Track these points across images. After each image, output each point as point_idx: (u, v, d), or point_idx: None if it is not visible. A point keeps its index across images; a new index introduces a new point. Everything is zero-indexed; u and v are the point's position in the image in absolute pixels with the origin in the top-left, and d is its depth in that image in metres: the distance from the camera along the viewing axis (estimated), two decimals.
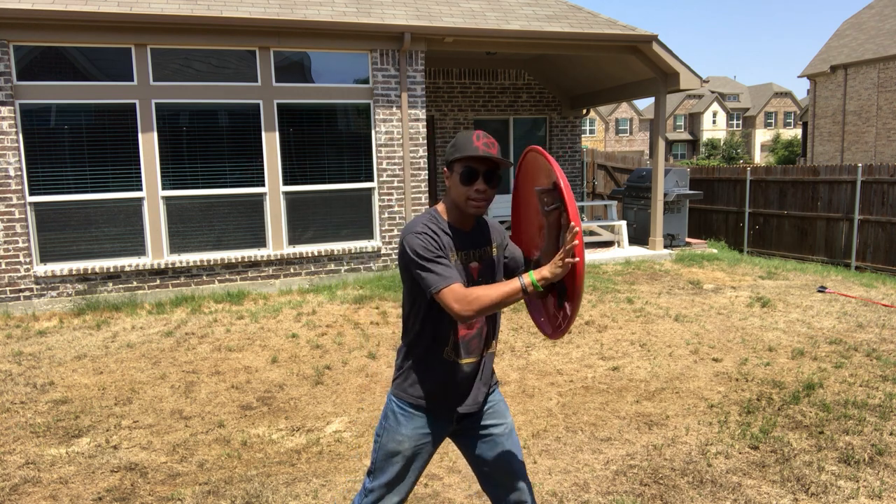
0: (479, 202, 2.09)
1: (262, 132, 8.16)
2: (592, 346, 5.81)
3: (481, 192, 2.08)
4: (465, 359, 2.17)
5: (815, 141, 27.67)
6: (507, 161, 2.10)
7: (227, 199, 8.15)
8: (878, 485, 3.32)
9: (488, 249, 2.23)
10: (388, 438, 2.19)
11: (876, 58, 24.29)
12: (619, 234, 10.92)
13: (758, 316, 6.74)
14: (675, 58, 9.67)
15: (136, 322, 6.80)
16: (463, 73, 12.26)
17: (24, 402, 4.69)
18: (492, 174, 2.10)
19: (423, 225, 2.11)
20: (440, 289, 1.99)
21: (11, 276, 7.34)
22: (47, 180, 7.46)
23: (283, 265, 8.35)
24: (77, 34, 7.28)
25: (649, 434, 4.00)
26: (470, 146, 2.06)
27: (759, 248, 12.37)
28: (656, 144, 10.35)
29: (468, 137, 2.09)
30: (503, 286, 1.99)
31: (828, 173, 11.05)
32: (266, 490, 3.39)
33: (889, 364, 5.16)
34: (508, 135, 12.80)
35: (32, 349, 5.94)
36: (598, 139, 57.51)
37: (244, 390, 4.87)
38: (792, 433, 3.95)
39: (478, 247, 2.20)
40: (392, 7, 8.63)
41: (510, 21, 8.91)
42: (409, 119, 8.66)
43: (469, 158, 2.07)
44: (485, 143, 2.09)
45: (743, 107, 63.33)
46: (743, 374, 5.02)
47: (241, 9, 7.76)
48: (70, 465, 3.72)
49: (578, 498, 3.27)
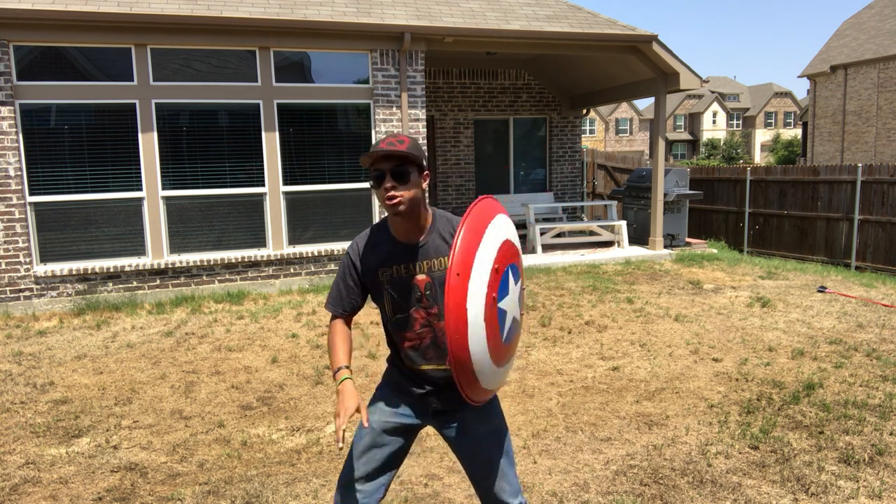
0: (394, 202, 2.01)
1: (262, 132, 8.16)
2: (592, 346, 5.81)
3: (390, 191, 2.01)
4: (424, 365, 2.17)
5: (815, 141, 27.67)
6: (412, 154, 2.01)
7: (227, 199, 8.15)
8: (878, 485, 3.32)
9: (443, 261, 2.10)
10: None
11: (876, 58, 24.29)
12: (619, 234, 10.92)
13: (758, 316, 6.74)
14: (675, 58, 9.67)
15: (136, 322, 6.80)
16: (463, 73, 12.25)
17: (24, 402, 4.69)
18: (400, 171, 2.01)
19: (357, 239, 2.20)
20: (328, 310, 2.20)
21: (11, 276, 7.34)
22: (47, 180, 7.46)
23: (284, 265, 8.35)
24: (77, 34, 7.28)
25: (649, 434, 4.00)
26: (372, 149, 2.02)
27: (759, 248, 12.37)
28: (656, 144, 10.35)
29: (377, 142, 2.05)
30: (334, 355, 2.12)
31: (828, 173, 11.05)
32: (266, 490, 3.39)
33: (889, 364, 5.16)
34: (508, 135, 12.80)
35: (32, 349, 5.94)
36: (598, 139, 57.51)
37: (244, 390, 4.87)
38: (792, 433, 3.95)
39: (427, 258, 2.10)
40: (392, 7, 8.63)
41: (510, 21, 8.91)
42: (409, 119, 8.66)
43: (371, 160, 2.03)
44: (389, 142, 2.03)
45: (743, 107, 63.33)
46: (743, 374, 5.02)
47: (241, 9, 7.76)
48: (70, 465, 3.72)
49: (578, 498, 3.27)
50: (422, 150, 2.12)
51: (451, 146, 12.32)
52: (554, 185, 13.15)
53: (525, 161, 13.03)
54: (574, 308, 7.07)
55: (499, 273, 1.90)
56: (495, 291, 1.89)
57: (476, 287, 1.83)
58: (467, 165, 12.47)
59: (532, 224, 10.63)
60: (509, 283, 1.95)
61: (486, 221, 1.93)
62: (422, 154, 2.11)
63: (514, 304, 2.02)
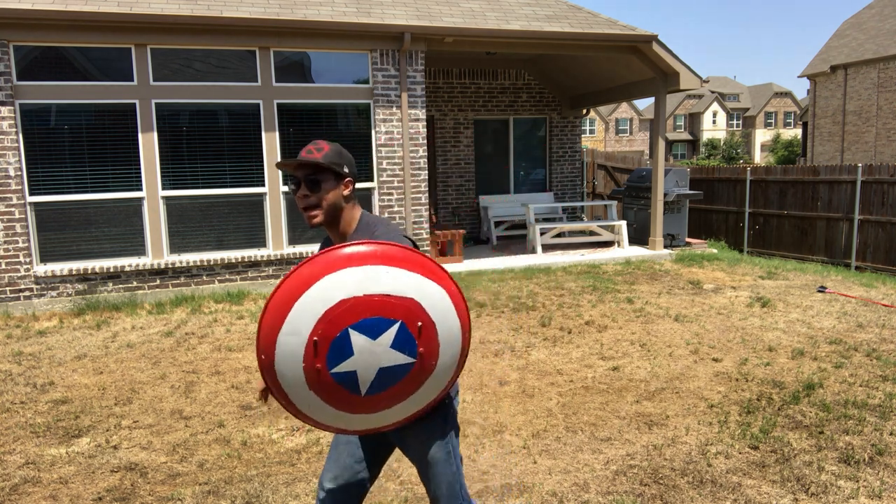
0: (307, 211, 2.00)
1: (262, 132, 8.16)
2: (592, 346, 5.81)
3: (303, 199, 2.00)
4: None
5: (815, 141, 27.67)
6: (324, 163, 1.99)
7: (227, 199, 8.15)
8: (878, 485, 3.32)
9: None
10: None
11: (876, 58, 24.29)
12: (619, 234, 10.92)
13: (758, 316, 6.74)
14: (675, 58, 9.67)
15: (136, 322, 6.80)
16: (463, 73, 12.26)
17: (24, 402, 4.69)
18: (313, 179, 2.00)
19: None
20: None
21: (11, 276, 7.34)
22: (47, 180, 7.46)
23: (284, 265, 8.35)
24: (77, 34, 7.28)
25: (649, 434, 4.00)
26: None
27: (759, 248, 12.37)
28: (656, 144, 10.35)
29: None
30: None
31: (828, 173, 11.05)
32: (266, 490, 3.39)
33: (889, 364, 5.16)
34: (508, 135, 12.80)
35: (32, 349, 5.95)
36: (598, 139, 57.51)
37: (244, 390, 4.87)
38: (792, 433, 3.95)
39: None
40: (392, 7, 8.64)
41: (510, 21, 8.91)
42: (409, 119, 8.66)
43: (289, 167, 2.02)
44: (308, 149, 2.01)
45: (743, 107, 63.33)
46: (743, 374, 5.02)
47: (241, 9, 7.76)
48: (70, 465, 3.72)
49: (578, 498, 3.27)
50: (344, 157, 2.07)
51: (451, 146, 12.32)
52: (554, 185, 13.16)
53: (525, 161, 13.03)
54: (574, 308, 7.07)
55: (325, 341, 1.84)
56: (322, 361, 1.84)
57: (285, 364, 1.83)
58: (467, 165, 12.47)
59: (532, 224, 10.63)
60: (351, 344, 1.86)
61: (299, 293, 1.83)
62: (342, 161, 2.05)
63: (370, 360, 1.88)
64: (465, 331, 1.97)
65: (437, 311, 1.91)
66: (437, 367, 1.93)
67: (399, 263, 1.87)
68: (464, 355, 2.01)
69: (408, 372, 1.91)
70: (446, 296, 1.92)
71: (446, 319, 1.92)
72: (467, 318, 1.99)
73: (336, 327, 1.83)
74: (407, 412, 2.00)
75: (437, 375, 1.96)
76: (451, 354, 1.96)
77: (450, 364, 1.97)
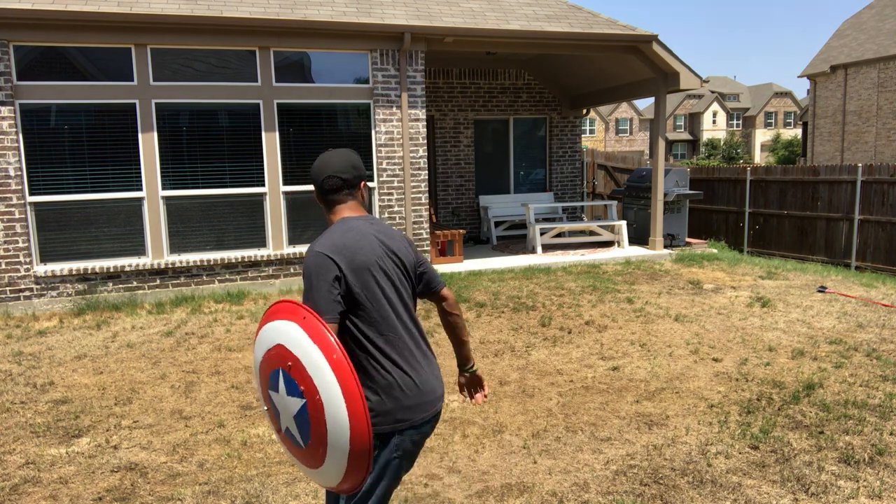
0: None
1: (262, 132, 8.16)
2: (592, 346, 5.81)
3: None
4: None
5: (815, 141, 27.67)
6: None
7: (227, 199, 8.15)
8: (878, 485, 3.32)
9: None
10: None
11: (876, 58, 24.29)
12: (619, 234, 10.92)
13: (758, 316, 6.74)
14: (675, 58, 9.67)
15: (136, 322, 6.80)
16: (463, 73, 12.25)
17: (24, 402, 4.69)
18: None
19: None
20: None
21: (11, 276, 7.34)
22: (47, 180, 7.46)
23: (284, 265, 8.35)
24: (77, 34, 7.28)
25: (649, 434, 4.00)
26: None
27: (759, 248, 12.37)
28: (656, 144, 10.35)
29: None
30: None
31: (828, 173, 11.05)
32: (266, 490, 3.39)
33: (889, 364, 5.16)
34: (508, 135, 12.80)
35: (32, 349, 5.95)
36: (598, 139, 57.51)
37: (244, 390, 4.87)
38: (792, 433, 3.95)
39: None
40: (392, 7, 8.63)
41: (510, 21, 8.91)
42: (409, 119, 8.66)
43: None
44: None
45: (743, 107, 63.32)
46: (743, 374, 5.02)
47: (241, 9, 7.76)
48: (70, 465, 3.72)
49: (578, 498, 3.27)
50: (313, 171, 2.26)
51: (451, 146, 12.32)
52: (554, 185, 13.16)
53: (525, 161, 13.03)
54: (574, 308, 7.07)
55: (269, 407, 2.07)
56: (275, 423, 2.06)
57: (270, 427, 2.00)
58: (467, 165, 12.47)
59: (532, 224, 10.63)
60: (274, 404, 2.03)
61: (260, 338, 2.06)
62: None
63: (284, 412, 1.98)
64: (328, 353, 1.87)
65: (295, 346, 1.92)
66: (325, 401, 1.86)
67: (275, 317, 2.01)
68: (343, 374, 1.86)
69: (307, 412, 1.91)
70: (295, 327, 1.93)
71: (304, 350, 1.91)
72: (327, 341, 1.89)
73: (264, 390, 2.05)
74: (340, 466, 1.93)
75: (331, 411, 1.87)
76: (326, 381, 1.88)
77: (336, 395, 1.86)
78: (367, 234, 2.16)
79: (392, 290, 2.16)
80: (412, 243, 2.36)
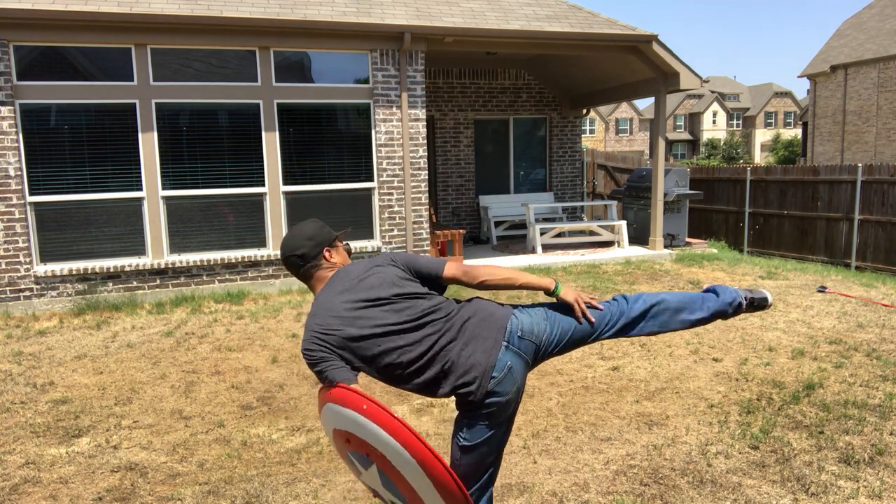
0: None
1: (262, 132, 8.16)
2: (592, 345, 5.81)
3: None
4: None
5: (815, 141, 27.67)
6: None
7: (227, 199, 8.15)
8: (878, 485, 3.32)
9: None
10: None
11: (876, 58, 24.29)
12: (619, 234, 10.92)
13: (758, 316, 6.74)
14: (675, 58, 9.67)
15: (136, 322, 6.80)
16: (463, 73, 12.25)
17: (24, 402, 4.69)
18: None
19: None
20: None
21: (11, 276, 7.34)
22: (47, 180, 7.46)
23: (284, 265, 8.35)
24: (77, 34, 7.28)
25: (649, 434, 4.00)
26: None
27: (759, 247, 12.37)
28: (656, 144, 10.35)
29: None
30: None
31: (828, 173, 11.05)
32: (266, 490, 3.39)
33: (889, 364, 5.16)
34: (508, 135, 12.80)
35: (32, 349, 5.95)
36: (598, 139, 57.51)
37: (244, 390, 4.87)
38: (792, 433, 3.95)
39: None
40: (392, 7, 8.63)
41: (510, 21, 8.91)
42: (409, 119, 8.66)
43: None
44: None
45: (743, 107, 63.32)
46: (743, 374, 5.02)
47: (241, 9, 7.76)
48: (70, 465, 3.72)
49: (578, 498, 3.27)
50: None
51: (451, 146, 12.32)
52: (554, 185, 13.16)
53: (525, 161, 13.03)
54: None
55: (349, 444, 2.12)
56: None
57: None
58: (467, 165, 12.47)
59: (532, 224, 10.63)
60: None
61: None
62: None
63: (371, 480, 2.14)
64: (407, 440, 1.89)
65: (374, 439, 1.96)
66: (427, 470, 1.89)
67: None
68: (421, 456, 1.86)
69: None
70: (367, 421, 1.94)
71: (381, 441, 1.93)
72: (400, 428, 1.89)
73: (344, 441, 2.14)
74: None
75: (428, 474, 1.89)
76: (406, 461, 1.89)
77: (419, 461, 1.86)
78: (332, 307, 2.17)
79: (380, 333, 2.15)
80: (397, 257, 2.31)
